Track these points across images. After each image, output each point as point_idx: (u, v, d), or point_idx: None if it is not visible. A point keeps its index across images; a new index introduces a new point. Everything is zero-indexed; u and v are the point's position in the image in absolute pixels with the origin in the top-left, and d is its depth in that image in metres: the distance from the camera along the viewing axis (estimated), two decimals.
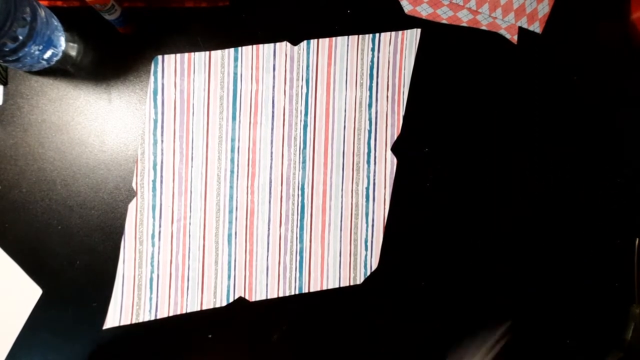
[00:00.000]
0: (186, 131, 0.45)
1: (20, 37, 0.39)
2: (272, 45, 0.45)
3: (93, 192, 0.45)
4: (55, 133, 0.45)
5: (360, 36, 0.46)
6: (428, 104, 0.48)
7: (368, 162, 0.45)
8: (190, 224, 0.45)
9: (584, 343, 0.48)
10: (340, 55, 0.46)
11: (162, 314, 0.44)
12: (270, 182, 0.45)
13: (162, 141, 0.45)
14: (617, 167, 0.50)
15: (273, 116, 0.45)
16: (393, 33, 0.46)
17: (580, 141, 0.49)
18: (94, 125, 0.46)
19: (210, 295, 0.45)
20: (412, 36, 0.46)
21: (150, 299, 0.44)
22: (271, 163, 0.45)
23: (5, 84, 0.45)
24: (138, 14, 0.45)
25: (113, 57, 0.46)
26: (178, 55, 0.45)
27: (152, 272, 0.44)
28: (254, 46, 0.45)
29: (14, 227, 0.45)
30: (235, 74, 0.45)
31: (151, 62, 0.46)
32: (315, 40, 0.45)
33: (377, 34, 0.46)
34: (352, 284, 0.46)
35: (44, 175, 0.45)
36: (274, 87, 0.45)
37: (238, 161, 0.45)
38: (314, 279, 0.45)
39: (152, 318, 0.44)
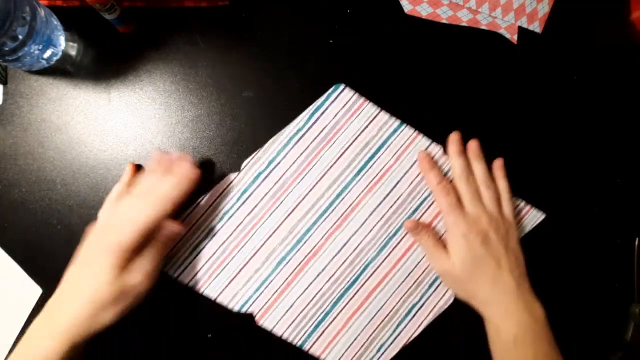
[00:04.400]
0: (315, 155, 0.46)
1: (20, 37, 0.39)
2: (429, 141, 0.47)
3: (93, 192, 0.45)
4: (55, 133, 0.45)
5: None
6: (428, 104, 0.48)
7: (431, 285, 0.46)
8: (261, 226, 0.45)
9: (584, 343, 0.48)
10: None
11: (184, 279, 0.45)
12: (347, 243, 0.46)
13: (291, 148, 0.46)
14: (617, 167, 0.50)
15: (389, 194, 0.46)
16: (522, 203, 0.47)
17: (580, 141, 0.49)
18: (94, 125, 0.46)
19: (230, 294, 0.45)
20: (534, 218, 0.48)
21: (185, 260, 0.45)
22: (359, 229, 0.46)
23: (5, 83, 0.45)
24: (138, 13, 0.45)
25: (113, 57, 0.46)
26: (357, 95, 0.47)
27: (202, 240, 0.45)
28: (415, 132, 0.47)
29: (14, 227, 0.45)
30: (385, 141, 0.47)
31: (151, 61, 0.46)
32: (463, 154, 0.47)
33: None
34: None
35: (44, 175, 0.45)
36: (406, 172, 0.47)
37: (335, 208, 0.46)
38: (320, 344, 0.45)
39: (175, 276, 0.45)
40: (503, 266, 0.42)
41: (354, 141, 0.47)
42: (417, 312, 0.46)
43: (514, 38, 0.49)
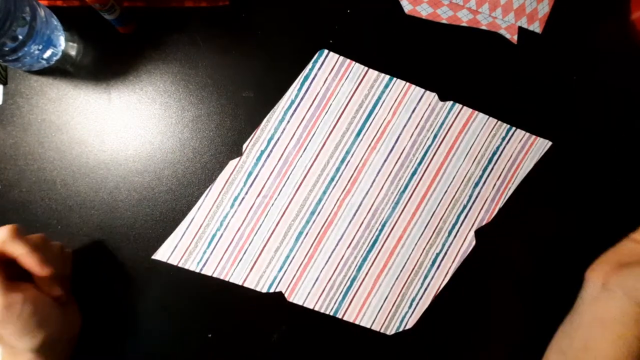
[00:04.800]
0: (312, 124, 0.46)
1: (20, 37, 0.39)
2: (422, 90, 0.47)
3: (93, 192, 0.45)
4: (55, 133, 0.45)
5: (498, 122, 0.48)
6: None
7: (450, 232, 0.47)
8: (272, 205, 0.46)
9: None
10: (474, 129, 0.47)
11: (208, 271, 0.45)
12: (360, 205, 0.46)
13: (287, 122, 0.46)
14: (617, 167, 0.50)
15: (392, 150, 0.47)
16: (527, 134, 0.48)
17: (580, 141, 0.49)
18: (94, 125, 0.46)
19: (256, 276, 0.45)
20: (541, 146, 0.48)
21: (205, 252, 0.45)
22: (369, 189, 0.46)
23: (5, 83, 0.45)
24: (138, 13, 0.45)
25: (113, 57, 0.46)
26: (342, 57, 0.47)
27: (218, 229, 0.45)
28: (407, 84, 0.47)
29: None
30: (379, 97, 0.47)
31: (151, 61, 0.46)
32: (460, 105, 0.47)
33: (513, 128, 0.48)
34: (382, 331, 0.46)
35: (44, 175, 0.45)
36: (405, 125, 0.47)
37: (342, 173, 0.46)
38: (352, 310, 0.46)
39: (198, 270, 0.45)
40: None
41: (348, 103, 0.47)
42: (441, 261, 0.46)
43: (514, 38, 0.49)
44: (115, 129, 0.46)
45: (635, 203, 0.50)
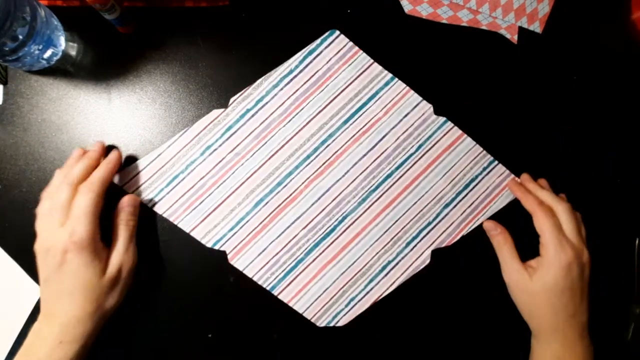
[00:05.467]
0: (303, 99, 0.46)
1: (20, 37, 0.39)
2: (419, 98, 0.47)
3: None
4: (55, 132, 0.45)
5: (483, 152, 0.47)
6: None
7: (407, 244, 0.46)
8: (242, 165, 0.45)
9: None
10: (458, 151, 0.47)
11: (159, 210, 0.45)
12: (327, 191, 0.46)
13: (280, 89, 0.46)
14: (617, 167, 0.50)
15: (374, 147, 0.46)
16: (507, 172, 0.47)
17: (579, 141, 0.49)
18: (94, 125, 0.46)
19: (205, 229, 0.45)
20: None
21: (162, 190, 0.45)
22: (340, 178, 0.46)
23: (5, 83, 0.45)
24: (138, 13, 0.45)
25: (113, 56, 0.46)
26: (350, 43, 0.47)
27: (181, 172, 0.45)
28: (407, 87, 0.47)
29: (14, 227, 0.45)
30: (376, 93, 0.47)
31: (151, 61, 0.46)
32: (451, 124, 0.47)
33: (496, 162, 0.47)
34: (313, 321, 0.45)
35: (44, 175, 0.45)
36: (393, 127, 0.47)
37: (319, 154, 0.46)
38: (289, 291, 0.45)
39: (150, 205, 0.45)
40: (583, 302, 0.42)
41: (344, 89, 0.46)
42: (391, 269, 0.46)
43: (514, 38, 0.49)
44: (115, 129, 0.46)
45: (636, 204, 0.50)
